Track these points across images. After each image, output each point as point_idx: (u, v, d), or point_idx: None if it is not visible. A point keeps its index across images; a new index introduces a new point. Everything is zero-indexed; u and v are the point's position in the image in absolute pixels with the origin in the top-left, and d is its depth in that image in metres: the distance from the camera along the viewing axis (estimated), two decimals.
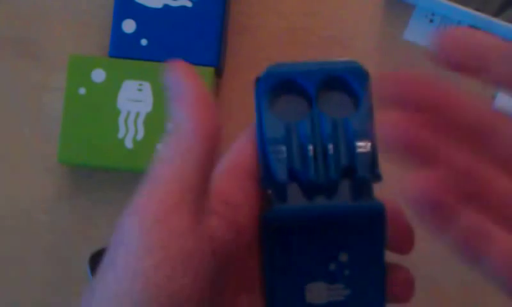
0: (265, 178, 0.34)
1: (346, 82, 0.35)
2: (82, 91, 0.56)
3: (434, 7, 0.57)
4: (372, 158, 0.34)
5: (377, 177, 0.34)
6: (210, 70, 0.56)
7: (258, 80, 0.35)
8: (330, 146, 0.34)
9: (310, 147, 0.34)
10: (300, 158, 0.34)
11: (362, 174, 0.34)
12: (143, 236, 0.31)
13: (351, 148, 0.34)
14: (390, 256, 0.36)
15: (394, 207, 0.35)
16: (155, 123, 0.55)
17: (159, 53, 0.56)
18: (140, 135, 0.55)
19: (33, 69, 0.59)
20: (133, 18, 0.57)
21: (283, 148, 0.34)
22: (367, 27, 0.59)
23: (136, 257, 0.30)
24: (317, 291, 0.35)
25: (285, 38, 0.59)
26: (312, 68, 0.35)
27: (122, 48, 0.57)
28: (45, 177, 0.58)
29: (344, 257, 0.35)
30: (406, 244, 0.37)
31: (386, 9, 0.58)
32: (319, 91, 0.34)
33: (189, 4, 0.57)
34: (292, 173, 0.34)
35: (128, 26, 0.57)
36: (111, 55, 0.57)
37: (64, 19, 0.60)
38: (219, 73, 0.58)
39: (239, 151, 0.36)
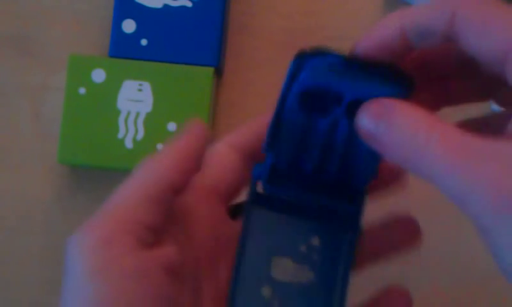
0: (269, 146, 0.36)
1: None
2: (82, 91, 0.56)
3: None
4: (372, 175, 0.36)
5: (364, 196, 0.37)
6: (210, 70, 0.56)
7: (301, 61, 0.34)
8: (338, 150, 0.35)
9: (320, 143, 0.36)
10: (307, 147, 0.36)
11: (357, 184, 0.36)
12: (82, 260, 0.33)
13: (357, 160, 0.35)
14: (393, 275, 0.37)
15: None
16: (155, 123, 0.55)
17: (159, 53, 0.56)
18: (140, 135, 0.55)
19: (33, 69, 0.59)
20: (133, 18, 0.57)
21: (297, 130, 0.35)
22: (367, 27, 0.58)
23: (80, 283, 0.31)
24: (283, 266, 0.36)
25: (285, 38, 0.59)
26: (356, 78, 0.34)
27: (122, 48, 0.57)
28: (45, 177, 0.58)
29: (315, 241, 0.37)
30: (414, 239, 0.38)
31: (386, 9, 0.58)
32: (351, 101, 0.35)
33: (189, 4, 0.57)
34: (294, 156, 0.36)
35: (128, 26, 0.57)
36: (111, 55, 0.57)
37: (64, 19, 0.60)
38: (219, 73, 0.58)
39: (216, 167, 0.38)
